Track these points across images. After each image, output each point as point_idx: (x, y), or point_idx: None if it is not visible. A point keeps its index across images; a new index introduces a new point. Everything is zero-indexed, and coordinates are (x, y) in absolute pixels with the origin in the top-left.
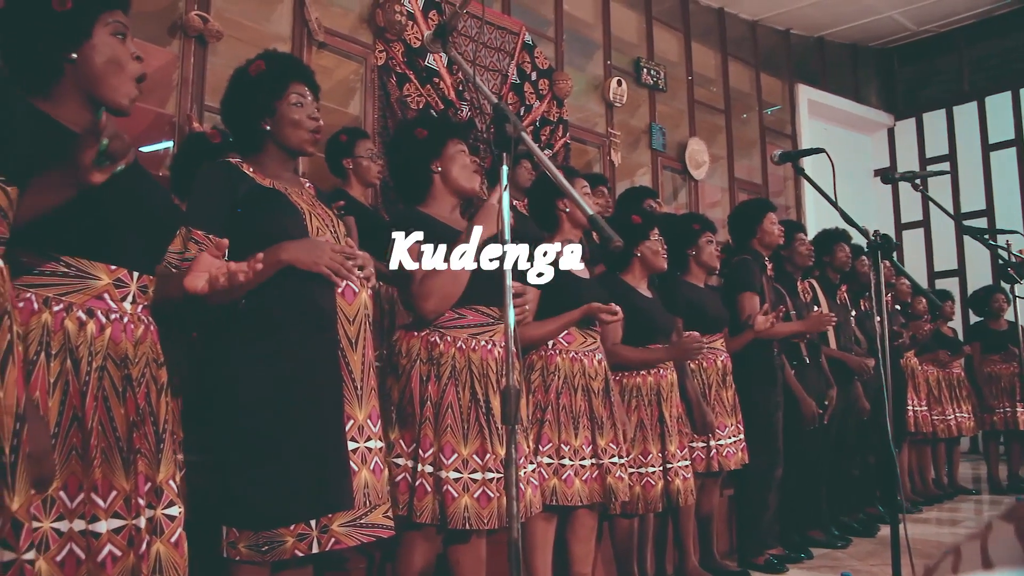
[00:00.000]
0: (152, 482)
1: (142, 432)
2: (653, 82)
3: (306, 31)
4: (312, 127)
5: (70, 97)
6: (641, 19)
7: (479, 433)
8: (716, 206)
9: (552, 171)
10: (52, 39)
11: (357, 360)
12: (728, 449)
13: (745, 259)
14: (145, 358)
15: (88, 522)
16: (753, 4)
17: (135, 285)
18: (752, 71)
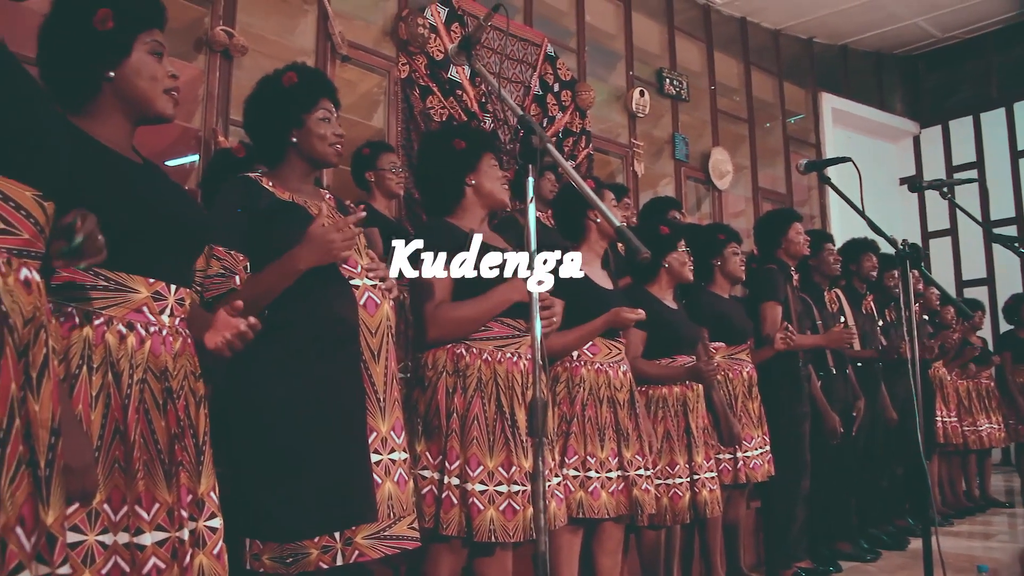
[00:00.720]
0: (193, 494)
1: (183, 444)
2: (676, 92)
3: (330, 45)
4: (336, 141)
5: (106, 114)
6: (663, 29)
7: (504, 445)
8: (740, 216)
9: (579, 182)
10: (92, 57)
11: (380, 372)
12: (755, 461)
13: (771, 269)
14: (184, 370)
15: (132, 535)
16: (776, 13)
17: (172, 298)
18: (775, 80)
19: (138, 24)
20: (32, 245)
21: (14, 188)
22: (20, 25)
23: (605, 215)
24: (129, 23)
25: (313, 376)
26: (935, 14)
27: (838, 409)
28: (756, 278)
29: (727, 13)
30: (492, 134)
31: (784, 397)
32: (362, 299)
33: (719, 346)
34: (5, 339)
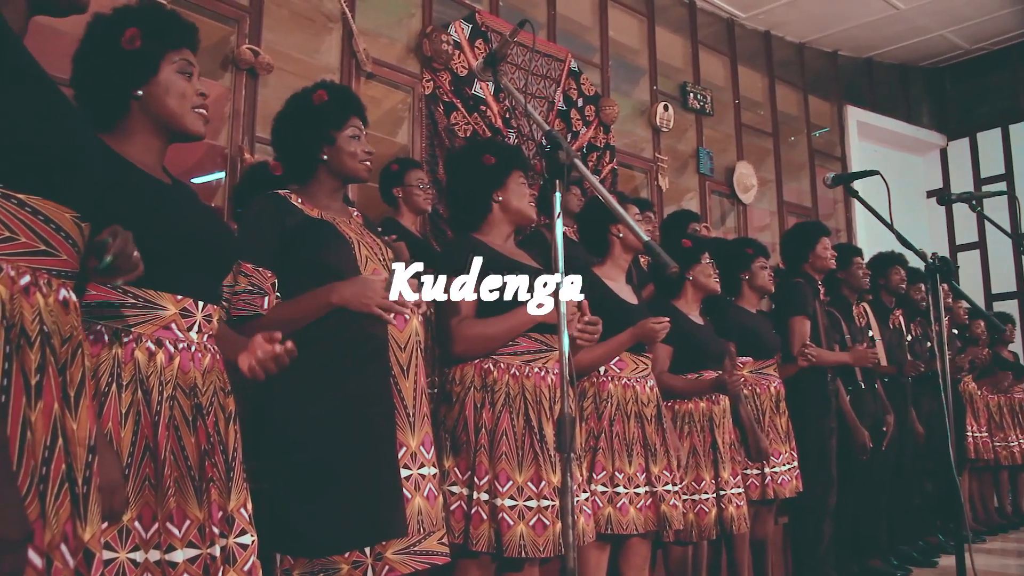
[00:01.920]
0: (224, 511)
1: (213, 461)
2: (700, 106)
3: (355, 62)
4: (365, 159)
5: (136, 133)
6: (687, 44)
7: (533, 460)
8: (765, 230)
9: (606, 197)
10: (120, 76)
11: (409, 387)
12: (783, 476)
13: (798, 283)
14: (213, 387)
15: (164, 552)
16: (800, 26)
17: (200, 314)
18: (800, 93)
19: (166, 43)
20: (70, 266)
21: (53, 209)
22: (55, 49)
23: (633, 229)
24: (157, 42)
25: (343, 392)
26: (961, 26)
27: (867, 424)
28: (783, 292)
29: (751, 27)
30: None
31: (812, 412)
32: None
33: (746, 361)
34: (47, 359)
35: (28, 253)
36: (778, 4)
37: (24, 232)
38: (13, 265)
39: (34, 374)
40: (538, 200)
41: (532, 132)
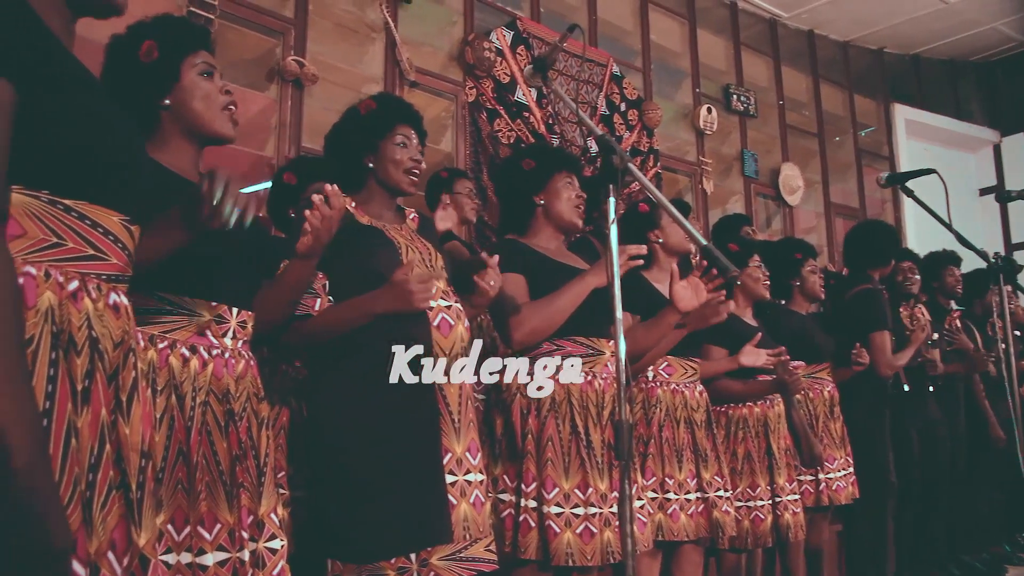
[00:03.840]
0: (254, 515)
1: (244, 466)
2: (743, 108)
3: (398, 71)
4: (411, 168)
5: (169, 141)
6: (729, 45)
7: (580, 467)
8: (811, 232)
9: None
10: (145, 88)
11: (454, 393)
12: (838, 483)
13: (874, 292)
14: (246, 392)
15: (195, 555)
16: (844, 25)
17: (235, 321)
18: (845, 93)
19: (182, 49)
20: (120, 269)
21: (101, 213)
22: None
23: (691, 234)
24: (174, 49)
25: (388, 398)
26: (1014, 18)
27: (918, 428)
28: (860, 302)
29: (794, 26)
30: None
31: (868, 417)
32: (436, 320)
33: (799, 365)
34: (96, 365)
35: (76, 258)
36: (822, 2)
37: (72, 237)
38: (61, 271)
39: (81, 380)
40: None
41: (576, 137)
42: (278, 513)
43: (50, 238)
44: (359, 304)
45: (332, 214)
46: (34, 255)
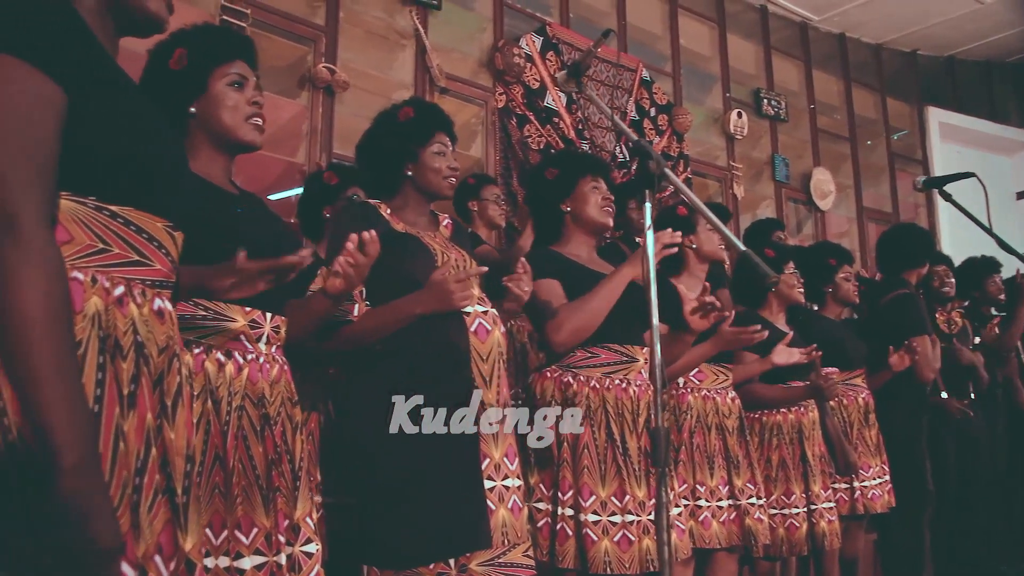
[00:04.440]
0: (290, 519)
1: (280, 470)
2: (774, 112)
3: (428, 77)
4: (450, 175)
5: (199, 149)
6: (759, 49)
7: (616, 474)
8: (843, 237)
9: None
10: (174, 96)
11: (492, 398)
12: (873, 491)
13: (911, 297)
14: (280, 397)
15: (232, 559)
16: (876, 27)
17: (268, 326)
18: (877, 96)
19: (213, 58)
20: (164, 275)
21: (146, 220)
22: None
23: (730, 240)
24: (203, 58)
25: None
26: None
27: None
28: (897, 307)
29: (825, 30)
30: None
31: (904, 424)
32: (473, 326)
33: (832, 371)
34: (141, 370)
35: (122, 264)
36: (853, 5)
37: (117, 243)
38: (107, 276)
39: (127, 384)
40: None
41: (606, 143)
42: (313, 517)
43: (96, 244)
44: (399, 306)
45: (366, 262)
46: (81, 260)
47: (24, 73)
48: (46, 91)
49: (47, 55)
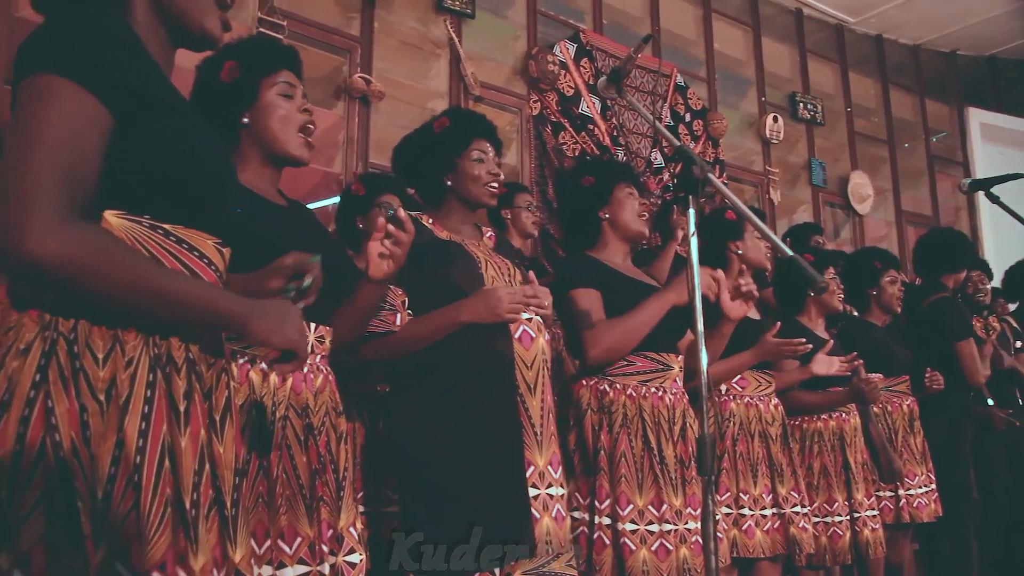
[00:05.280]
0: (334, 529)
1: (324, 480)
2: (810, 116)
3: (463, 86)
4: (490, 181)
5: (248, 160)
6: (794, 52)
7: (653, 483)
8: (882, 241)
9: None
10: (225, 108)
11: (536, 405)
12: (919, 499)
13: (952, 301)
14: (325, 407)
15: (275, 568)
16: (914, 28)
17: (313, 335)
18: (916, 98)
19: (263, 69)
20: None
21: (197, 238)
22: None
23: (778, 245)
24: (254, 69)
25: (470, 411)
26: None
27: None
28: (939, 312)
29: (861, 32)
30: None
31: (950, 431)
32: (517, 333)
33: (877, 378)
34: (193, 386)
35: None
36: (890, 6)
37: (170, 261)
38: None
39: (182, 400)
40: (656, 217)
41: (641, 149)
42: (357, 527)
43: None
44: (444, 314)
45: (405, 239)
46: None
47: (71, 93)
48: (90, 110)
49: (95, 77)
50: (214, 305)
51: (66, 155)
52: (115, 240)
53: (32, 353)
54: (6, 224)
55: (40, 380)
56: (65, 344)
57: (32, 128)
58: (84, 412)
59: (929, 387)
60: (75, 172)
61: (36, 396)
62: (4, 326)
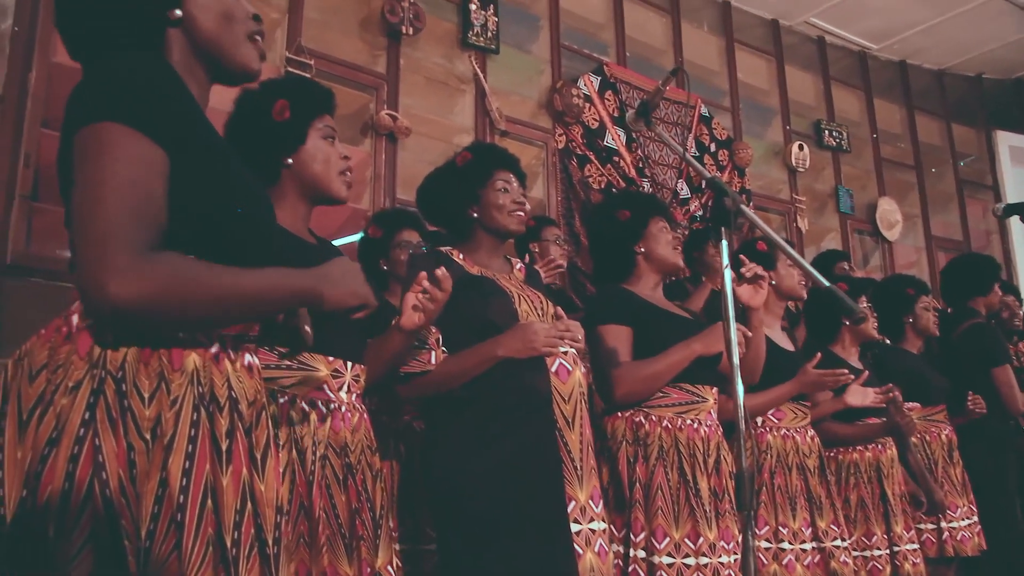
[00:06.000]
0: (372, 568)
1: (362, 519)
2: (836, 143)
3: (488, 121)
4: (516, 209)
5: (284, 198)
6: (818, 80)
7: (690, 516)
8: (912, 267)
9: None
10: (272, 147)
11: (575, 439)
12: (962, 532)
13: (987, 326)
14: (361, 445)
15: None
16: (938, 52)
17: (349, 375)
18: (942, 122)
19: (312, 111)
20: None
21: None
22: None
23: (813, 275)
24: (304, 111)
25: (508, 445)
26: None
27: None
28: (973, 338)
29: (885, 58)
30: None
31: (992, 461)
32: (553, 366)
33: (914, 407)
34: (235, 424)
35: None
36: (913, 32)
37: None
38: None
39: (224, 439)
40: (684, 247)
41: (667, 180)
42: (394, 565)
43: None
44: (481, 350)
45: (440, 296)
46: None
47: (129, 137)
48: (149, 153)
49: (150, 120)
50: (289, 286)
51: (133, 196)
52: (189, 260)
53: (81, 391)
54: (86, 272)
55: (89, 418)
56: (113, 383)
57: (97, 176)
58: (131, 451)
59: (972, 412)
60: (144, 211)
61: (85, 434)
62: (53, 363)
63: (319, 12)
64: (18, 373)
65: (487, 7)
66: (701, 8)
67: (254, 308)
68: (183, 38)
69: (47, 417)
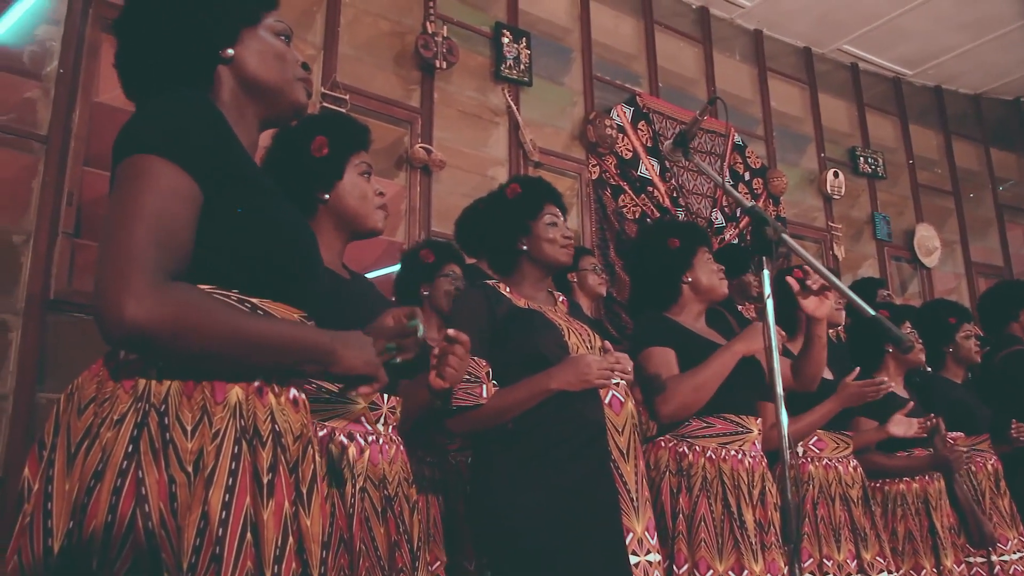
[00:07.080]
0: None
1: (401, 551)
2: (872, 170)
3: (522, 152)
4: (566, 244)
5: (321, 233)
6: (852, 107)
7: (734, 548)
8: (951, 294)
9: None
10: (310, 182)
11: (630, 470)
12: (1015, 566)
13: None
14: (398, 477)
15: None
16: (974, 77)
17: (386, 407)
18: (980, 147)
19: (349, 148)
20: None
21: (285, 312)
22: None
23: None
24: (342, 147)
25: (565, 479)
26: None
27: None
28: (1015, 364)
29: (920, 83)
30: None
31: None
32: (607, 398)
33: (958, 436)
34: (279, 458)
35: None
36: (948, 57)
37: None
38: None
39: (266, 473)
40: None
41: (701, 209)
42: None
43: None
44: (534, 383)
45: (462, 357)
46: None
47: (163, 167)
48: (181, 184)
49: (185, 153)
50: (304, 340)
51: (158, 224)
52: (207, 295)
53: (125, 424)
54: (104, 293)
55: (132, 451)
56: (156, 416)
57: (127, 202)
58: (172, 483)
59: (1016, 440)
60: (168, 240)
61: (128, 467)
62: (100, 397)
63: (354, 48)
64: (69, 407)
65: (519, 40)
66: (733, 37)
67: (267, 354)
68: (232, 76)
69: (93, 450)
